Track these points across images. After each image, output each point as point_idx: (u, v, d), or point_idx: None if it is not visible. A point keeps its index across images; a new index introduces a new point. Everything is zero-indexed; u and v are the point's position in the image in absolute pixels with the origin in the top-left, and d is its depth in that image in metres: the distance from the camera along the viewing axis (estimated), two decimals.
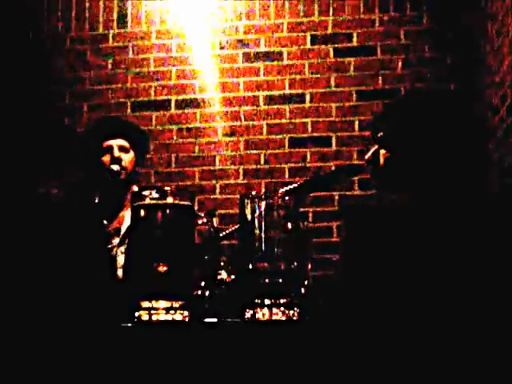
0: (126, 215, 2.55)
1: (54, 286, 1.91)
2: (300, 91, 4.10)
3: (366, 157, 1.77)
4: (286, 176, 4.04)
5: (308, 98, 4.09)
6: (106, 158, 2.63)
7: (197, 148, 4.14)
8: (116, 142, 2.65)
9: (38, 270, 1.98)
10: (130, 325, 1.19)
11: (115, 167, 2.57)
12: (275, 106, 4.11)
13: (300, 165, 4.04)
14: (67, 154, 4.19)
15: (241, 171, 4.09)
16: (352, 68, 4.07)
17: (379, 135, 1.75)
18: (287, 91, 4.11)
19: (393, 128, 1.72)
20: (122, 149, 2.65)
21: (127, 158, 2.65)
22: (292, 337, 1.12)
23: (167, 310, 1.19)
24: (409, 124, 1.71)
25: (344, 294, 1.56)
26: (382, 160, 1.75)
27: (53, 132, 4.22)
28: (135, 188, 1.26)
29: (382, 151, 1.75)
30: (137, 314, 1.20)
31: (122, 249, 2.48)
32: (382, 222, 1.66)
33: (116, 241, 2.52)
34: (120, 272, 2.37)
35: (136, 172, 2.76)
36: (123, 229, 2.55)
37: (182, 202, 1.26)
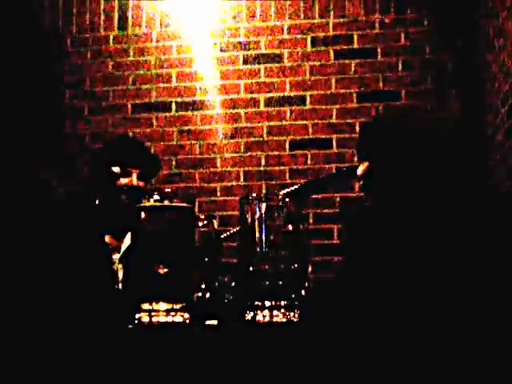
0: (127, 234, 2.58)
1: (55, 289, 1.91)
2: (300, 93, 4.10)
3: (359, 173, 1.78)
4: (287, 178, 4.04)
5: (308, 99, 4.09)
6: (123, 181, 2.70)
7: (197, 150, 4.14)
8: (136, 170, 2.72)
9: (40, 273, 1.98)
10: (130, 327, 1.19)
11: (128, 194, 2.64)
12: (276, 108, 4.11)
13: (301, 167, 4.04)
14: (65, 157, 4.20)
15: (241, 173, 4.09)
16: (352, 70, 4.07)
17: (366, 153, 1.76)
18: (288, 93, 4.12)
19: (377, 143, 1.73)
20: (139, 177, 2.72)
21: (142, 185, 2.73)
22: (292, 339, 1.12)
23: (167, 312, 1.19)
24: (392, 138, 1.72)
25: (345, 296, 1.56)
26: (361, 171, 1.76)
27: (53, 133, 4.22)
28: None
29: (365, 165, 1.76)
30: (137, 316, 1.19)
31: (121, 266, 2.52)
32: (382, 224, 1.65)
33: (116, 256, 2.54)
34: (120, 286, 2.39)
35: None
36: (123, 247, 2.57)
37: (183, 204, 1.26)
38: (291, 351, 1.09)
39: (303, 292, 1.23)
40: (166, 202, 1.25)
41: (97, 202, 2.61)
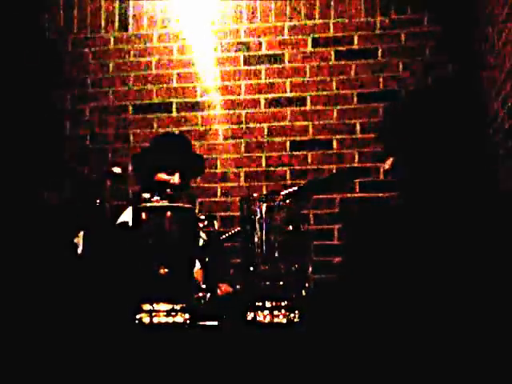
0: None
1: (56, 288, 1.91)
2: (301, 94, 4.10)
3: (387, 167, 1.77)
4: (287, 179, 4.04)
5: (309, 100, 4.09)
6: (164, 176, 2.75)
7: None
8: (179, 170, 2.76)
9: (40, 273, 1.98)
10: (131, 327, 1.19)
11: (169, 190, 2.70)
12: (276, 109, 4.12)
13: (301, 167, 4.04)
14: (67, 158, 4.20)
15: (242, 174, 4.09)
16: (353, 71, 4.07)
17: (392, 145, 1.75)
18: (288, 94, 4.12)
19: (401, 134, 1.73)
20: (181, 176, 2.77)
21: (183, 183, 2.77)
22: (293, 339, 1.12)
23: (168, 312, 1.19)
24: (414, 126, 1.71)
25: (345, 297, 1.56)
26: (388, 165, 1.75)
27: (53, 134, 4.23)
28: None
29: (391, 159, 1.75)
30: (138, 317, 1.20)
31: None
32: (383, 224, 1.66)
33: None
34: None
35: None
36: None
37: (183, 205, 1.26)
38: (292, 352, 1.09)
39: (304, 293, 1.23)
40: (167, 203, 1.25)
41: (97, 201, 2.60)
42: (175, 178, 2.74)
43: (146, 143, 3.89)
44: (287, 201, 1.25)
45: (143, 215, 1.24)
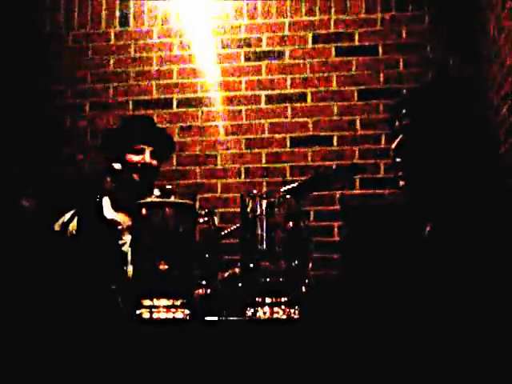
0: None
1: (55, 284, 1.91)
2: (301, 90, 4.10)
3: (393, 146, 1.73)
4: (288, 175, 4.04)
5: (309, 97, 4.09)
6: (136, 158, 2.69)
7: (198, 147, 4.14)
8: (149, 148, 2.71)
9: (39, 268, 1.99)
10: (130, 323, 1.19)
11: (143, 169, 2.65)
12: (277, 105, 4.11)
13: (301, 164, 4.04)
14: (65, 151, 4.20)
15: (242, 170, 4.09)
16: (354, 67, 4.07)
17: (404, 123, 1.71)
18: (289, 90, 4.11)
19: (416, 116, 1.71)
20: (152, 155, 2.72)
21: (154, 164, 2.72)
22: (293, 335, 1.12)
23: (168, 308, 1.19)
24: (431, 113, 1.70)
25: (344, 293, 1.57)
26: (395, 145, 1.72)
27: (53, 130, 4.22)
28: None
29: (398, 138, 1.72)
30: (138, 312, 1.20)
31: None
32: (382, 221, 1.66)
33: (128, 237, 2.51)
34: (130, 268, 2.38)
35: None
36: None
37: (184, 201, 1.27)
38: (291, 348, 1.09)
39: (304, 289, 1.23)
40: (167, 199, 1.25)
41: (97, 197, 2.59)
42: (146, 157, 2.68)
43: None
44: (287, 197, 1.25)
45: (143, 211, 1.24)
